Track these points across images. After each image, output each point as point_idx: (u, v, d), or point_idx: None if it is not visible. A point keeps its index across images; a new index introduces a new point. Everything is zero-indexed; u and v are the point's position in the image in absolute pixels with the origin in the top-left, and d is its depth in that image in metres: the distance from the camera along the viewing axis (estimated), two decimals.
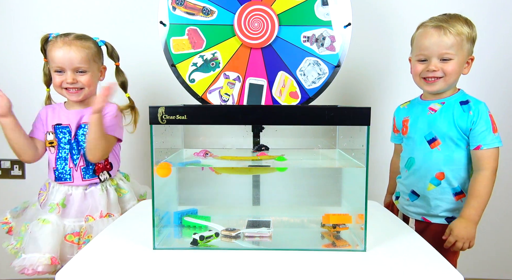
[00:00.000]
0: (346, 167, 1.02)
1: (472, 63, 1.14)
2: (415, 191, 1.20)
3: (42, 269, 1.07)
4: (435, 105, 1.15)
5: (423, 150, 1.16)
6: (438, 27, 1.09)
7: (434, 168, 1.14)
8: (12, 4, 1.65)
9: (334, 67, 1.32)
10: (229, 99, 1.34)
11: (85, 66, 1.19)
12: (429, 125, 1.15)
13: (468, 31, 1.09)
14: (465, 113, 1.10)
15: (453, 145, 1.12)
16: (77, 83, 1.19)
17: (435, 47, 1.09)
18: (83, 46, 1.19)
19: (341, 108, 0.82)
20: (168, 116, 0.79)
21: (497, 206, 1.75)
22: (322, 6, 1.29)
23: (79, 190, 1.21)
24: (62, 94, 1.22)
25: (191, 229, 0.96)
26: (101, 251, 0.83)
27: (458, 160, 1.12)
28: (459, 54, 1.09)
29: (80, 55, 1.17)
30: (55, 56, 1.17)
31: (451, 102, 1.14)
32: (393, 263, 0.77)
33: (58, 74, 1.19)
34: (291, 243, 0.92)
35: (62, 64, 1.17)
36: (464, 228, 1.08)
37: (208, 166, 0.99)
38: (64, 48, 1.16)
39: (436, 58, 1.10)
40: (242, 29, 1.29)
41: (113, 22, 1.65)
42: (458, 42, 1.08)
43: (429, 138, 1.15)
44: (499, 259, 1.80)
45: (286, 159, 0.99)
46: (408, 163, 1.22)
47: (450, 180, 1.13)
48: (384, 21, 1.65)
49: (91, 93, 1.24)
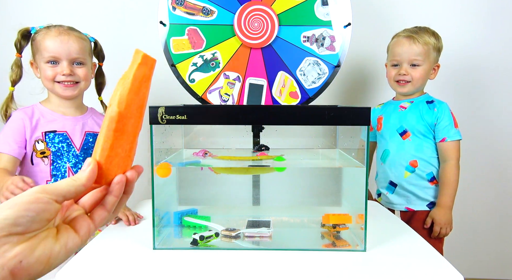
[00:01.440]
0: (346, 167, 1.02)
1: (438, 70, 1.31)
2: (392, 181, 1.32)
3: None
4: (405, 104, 1.32)
5: (396, 141, 1.30)
6: (408, 37, 1.26)
7: (407, 156, 1.28)
8: (10, 3, 1.65)
9: (334, 67, 1.32)
10: (229, 99, 1.34)
11: (83, 58, 1.10)
12: (400, 120, 1.30)
13: (434, 42, 1.26)
14: (430, 110, 1.27)
15: (422, 136, 1.27)
16: (74, 76, 1.08)
17: (406, 54, 1.26)
18: (80, 36, 1.11)
19: (341, 108, 0.82)
20: (168, 116, 0.79)
21: (497, 206, 1.75)
22: (322, 6, 1.29)
23: None
24: (54, 90, 1.09)
25: (191, 229, 0.96)
26: (101, 251, 0.83)
27: (427, 148, 1.27)
28: (426, 61, 1.26)
29: (78, 45, 1.08)
30: (50, 45, 1.05)
31: (418, 101, 1.30)
32: (393, 263, 0.77)
33: (51, 66, 1.07)
34: (291, 243, 0.92)
35: (58, 54, 1.06)
36: (443, 215, 1.24)
37: (208, 166, 0.99)
38: (61, 37, 1.06)
39: (407, 63, 1.27)
40: (242, 29, 1.29)
41: (113, 22, 1.65)
42: (425, 50, 1.25)
43: (401, 131, 1.30)
44: (499, 259, 1.79)
45: (285, 159, 0.99)
46: (383, 155, 1.34)
47: (422, 167, 1.27)
48: (384, 21, 1.65)
49: (85, 89, 1.15)
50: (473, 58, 1.66)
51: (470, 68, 1.67)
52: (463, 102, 1.68)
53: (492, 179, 1.72)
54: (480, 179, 1.72)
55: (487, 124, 1.69)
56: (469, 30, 1.65)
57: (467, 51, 1.65)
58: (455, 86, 1.69)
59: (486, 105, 1.69)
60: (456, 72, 1.67)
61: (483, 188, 1.73)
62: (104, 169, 0.43)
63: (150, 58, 0.44)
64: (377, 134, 1.39)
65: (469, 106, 1.69)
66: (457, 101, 1.65)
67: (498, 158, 1.70)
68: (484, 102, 1.69)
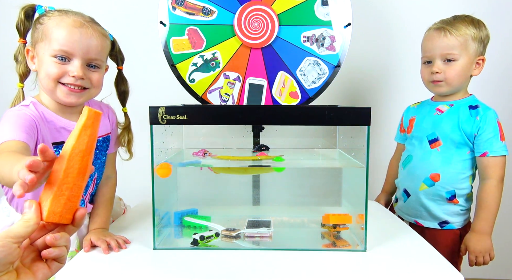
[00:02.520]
0: (346, 167, 1.02)
1: (484, 64, 1.12)
2: (406, 190, 1.19)
3: None
4: (443, 107, 1.14)
5: (422, 149, 1.15)
6: (439, 29, 1.10)
7: (430, 168, 1.13)
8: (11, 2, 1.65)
9: (334, 67, 1.32)
10: (229, 99, 1.34)
11: (100, 61, 0.89)
12: (433, 125, 1.14)
13: (473, 32, 1.08)
14: (472, 117, 1.08)
15: (454, 148, 1.10)
16: (84, 81, 0.86)
17: (437, 49, 1.09)
18: (104, 33, 0.89)
19: (341, 108, 0.82)
20: (168, 116, 0.79)
21: None
22: (322, 6, 1.29)
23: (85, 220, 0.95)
24: (53, 91, 0.85)
25: (191, 229, 0.96)
26: (101, 251, 0.83)
27: (456, 163, 1.10)
28: (463, 55, 1.07)
29: (100, 44, 0.87)
30: (64, 36, 0.82)
31: (459, 105, 1.12)
32: (393, 263, 0.77)
33: (59, 62, 0.83)
34: (291, 243, 0.92)
35: (72, 49, 0.83)
36: (478, 241, 1.08)
37: (208, 166, 0.99)
38: (81, 29, 0.84)
39: (439, 59, 1.10)
40: (242, 29, 1.29)
41: (113, 22, 1.64)
42: (461, 42, 1.07)
43: (431, 138, 1.13)
44: (499, 259, 1.79)
45: (284, 159, 0.99)
46: (405, 161, 1.21)
47: (444, 184, 1.11)
48: (384, 21, 1.65)
49: (92, 98, 0.94)
50: None
51: None
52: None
53: None
54: None
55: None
56: None
57: None
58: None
59: None
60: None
61: None
62: (52, 206, 0.49)
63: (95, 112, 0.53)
64: (407, 137, 1.25)
65: None
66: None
67: None
68: None
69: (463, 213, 1.14)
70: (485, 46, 1.11)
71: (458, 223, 1.14)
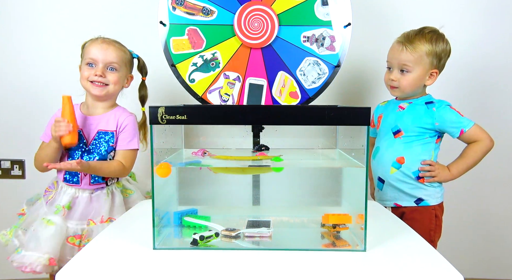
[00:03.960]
0: (346, 167, 1.02)
1: (437, 76, 1.26)
2: (380, 177, 1.32)
3: (40, 269, 1.09)
4: (404, 104, 1.31)
5: (387, 140, 1.31)
6: (399, 43, 1.25)
7: (395, 153, 1.28)
8: (14, 4, 1.65)
9: (334, 67, 1.32)
10: (229, 99, 1.34)
11: (117, 65, 1.23)
12: (396, 120, 1.30)
13: (428, 48, 1.22)
14: (429, 110, 1.25)
15: (414, 136, 1.26)
16: (104, 78, 1.21)
17: (395, 60, 1.25)
18: (120, 48, 1.25)
19: (341, 108, 0.82)
20: (168, 116, 0.79)
21: (497, 206, 1.75)
22: (322, 6, 1.29)
23: (86, 193, 1.21)
24: (86, 88, 1.23)
25: (191, 229, 0.96)
26: (101, 251, 0.83)
27: (416, 147, 1.26)
28: (417, 68, 1.23)
29: (115, 53, 1.22)
30: (92, 50, 1.21)
31: (417, 102, 1.29)
32: (393, 263, 0.77)
33: (88, 67, 1.22)
34: (291, 243, 0.92)
35: (96, 57, 1.20)
36: (443, 170, 1.25)
37: (208, 166, 0.99)
38: (103, 45, 1.22)
39: (397, 68, 1.26)
40: (242, 29, 1.29)
41: (113, 22, 1.65)
42: (416, 57, 1.22)
43: (395, 130, 1.29)
44: (499, 259, 1.79)
45: (283, 159, 0.99)
46: (374, 152, 1.36)
47: (409, 165, 1.26)
48: (384, 21, 1.65)
49: (113, 94, 1.26)
50: (476, 57, 1.66)
51: (473, 69, 1.66)
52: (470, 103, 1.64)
53: (494, 179, 1.72)
54: (484, 179, 1.71)
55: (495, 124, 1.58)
56: (470, 29, 1.65)
57: (469, 50, 1.65)
58: (460, 88, 1.66)
59: (492, 105, 1.67)
60: (460, 73, 1.65)
61: (484, 188, 1.74)
62: None
63: (66, 96, 1.15)
64: (376, 132, 1.39)
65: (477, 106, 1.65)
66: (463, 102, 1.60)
67: (501, 160, 1.69)
68: (491, 102, 1.67)
69: (434, 190, 1.28)
70: (441, 59, 1.25)
71: (432, 200, 1.27)
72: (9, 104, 1.70)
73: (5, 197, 1.71)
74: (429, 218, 1.27)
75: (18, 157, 1.72)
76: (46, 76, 1.68)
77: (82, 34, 1.30)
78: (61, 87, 1.44)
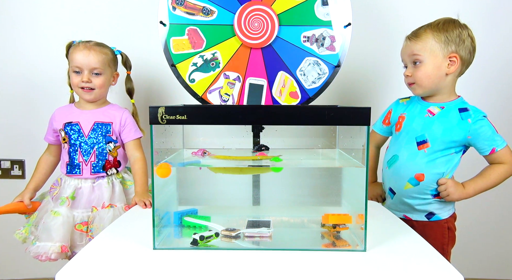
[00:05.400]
0: (346, 167, 1.02)
1: (459, 61, 1.12)
2: (392, 189, 1.23)
3: (54, 256, 1.19)
4: (434, 109, 1.16)
5: (409, 150, 1.17)
6: (406, 38, 1.19)
7: (415, 168, 1.16)
8: (13, 4, 1.65)
9: (334, 67, 1.32)
10: (229, 99, 1.34)
11: (101, 69, 1.29)
12: (424, 128, 1.16)
13: (435, 33, 1.12)
14: (463, 120, 1.12)
15: (441, 150, 1.14)
16: (91, 83, 1.28)
17: (405, 55, 1.18)
18: (101, 51, 1.30)
19: (341, 108, 0.82)
20: (168, 116, 0.79)
21: (497, 206, 1.75)
22: (322, 6, 1.29)
23: (88, 183, 1.30)
24: (78, 93, 1.32)
25: (191, 229, 0.96)
26: (101, 251, 0.83)
27: (440, 164, 1.14)
28: (428, 56, 1.12)
29: (97, 58, 1.28)
30: (76, 57, 1.27)
31: (450, 107, 1.15)
32: (393, 263, 0.77)
33: (76, 74, 1.29)
34: (291, 243, 0.92)
35: (80, 65, 1.27)
36: (457, 187, 1.13)
37: (208, 166, 0.99)
38: (84, 51, 1.27)
39: (410, 63, 1.16)
40: (242, 29, 1.29)
41: (113, 22, 1.65)
42: (423, 45, 1.12)
43: (420, 140, 1.16)
44: (499, 259, 1.79)
45: (282, 159, 0.99)
46: (391, 160, 1.23)
47: (429, 183, 1.15)
48: (384, 21, 1.65)
49: (101, 95, 1.34)
50: None
51: None
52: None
53: None
54: None
55: None
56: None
57: None
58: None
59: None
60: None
61: None
62: None
63: None
64: (393, 134, 1.26)
65: None
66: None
67: None
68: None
69: (445, 203, 1.19)
70: (459, 44, 1.12)
71: (444, 213, 1.19)
72: (9, 104, 1.70)
73: (5, 197, 1.71)
74: (441, 233, 1.18)
75: (18, 157, 1.72)
76: (46, 76, 1.68)
77: (82, 34, 1.31)
78: (61, 87, 1.46)
